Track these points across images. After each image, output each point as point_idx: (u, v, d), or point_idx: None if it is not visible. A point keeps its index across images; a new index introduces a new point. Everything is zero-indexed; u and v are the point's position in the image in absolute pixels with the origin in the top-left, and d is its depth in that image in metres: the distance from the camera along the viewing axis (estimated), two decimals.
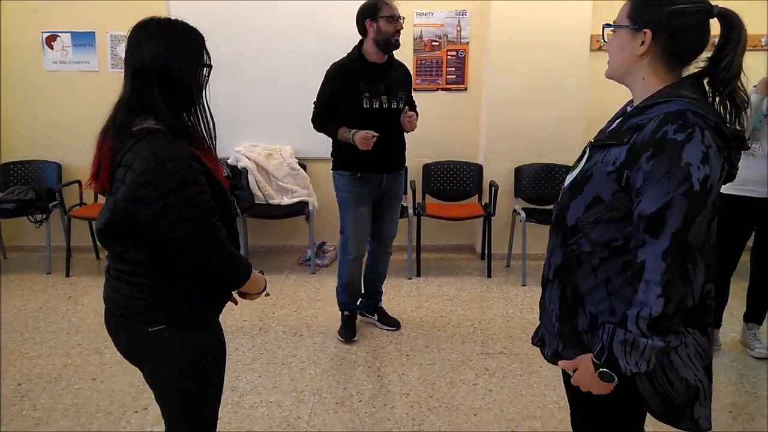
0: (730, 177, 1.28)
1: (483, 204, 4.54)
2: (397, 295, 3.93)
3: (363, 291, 3.41)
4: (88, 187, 1.47)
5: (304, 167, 4.64)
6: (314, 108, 3.11)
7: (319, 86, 3.08)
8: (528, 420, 2.55)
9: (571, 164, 1.44)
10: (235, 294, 1.61)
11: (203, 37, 1.48)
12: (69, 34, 4.56)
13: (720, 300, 3.04)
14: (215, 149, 1.52)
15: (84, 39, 4.57)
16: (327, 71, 3.06)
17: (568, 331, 1.35)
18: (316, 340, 3.29)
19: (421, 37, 4.56)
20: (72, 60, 4.60)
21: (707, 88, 1.29)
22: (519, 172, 4.48)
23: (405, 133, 3.18)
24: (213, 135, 1.51)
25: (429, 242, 4.70)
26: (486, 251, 4.46)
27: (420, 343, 3.26)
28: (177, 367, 1.47)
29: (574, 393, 1.40)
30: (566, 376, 1.42)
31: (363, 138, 2.88)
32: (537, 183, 4.47)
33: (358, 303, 3.41)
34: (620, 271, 1.26)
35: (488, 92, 4.45)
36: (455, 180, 4.62)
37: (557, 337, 1.39)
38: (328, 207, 4.68)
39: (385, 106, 3.02)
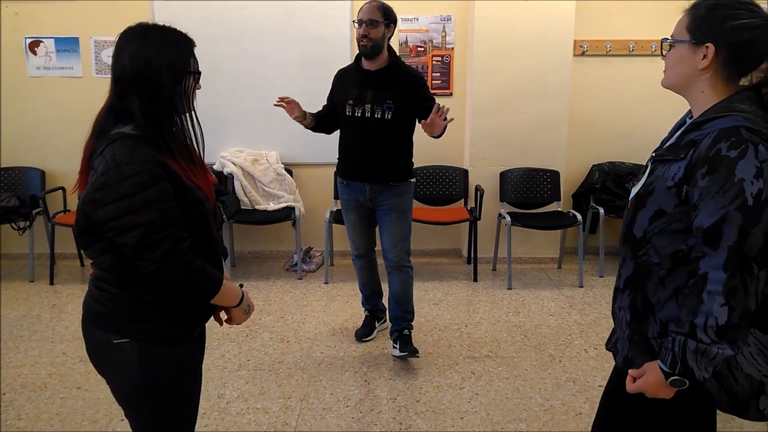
0: None
1: (469, 208, 4.57)
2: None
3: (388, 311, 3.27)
4: (74, 192, 1.45)
5: (290, 172, 4.64)
6: None
7: None
8: (514, 423, 2.57)
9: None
10: (222, 314, 1.60)
11: (191, 43, 1.44)
12: (53, 39, 4.53)
13: None
14: (202, 158, 1.49)
15: (68, 44, 4.54)
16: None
17: (639, 338, 1.39)
18: (303, 346, 3.29)
19: (406, 42, 4.58)
20: (56, 66, 4.57)
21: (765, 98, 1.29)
22: (504, 176, 4.52)
23: (406, 144, 3.08)
24: (199, 145, 1.47)
25: (415, 246, 4.65)
26: (472, 255, 4.49)
27: None
28: (133, 383, 1.43)
29: (630, 401, 1.41)
30: (616, 385, 1.44)
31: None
32: (522, 187, 4.51)
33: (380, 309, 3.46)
34: (688, 280, 1.29)
35: (473, 97, 4.48)
36: (441, 184, 4.65)
37: (628, 343, 1.43)
38: (314, 212, 4.70)
39: (368, 115, 2.90)
